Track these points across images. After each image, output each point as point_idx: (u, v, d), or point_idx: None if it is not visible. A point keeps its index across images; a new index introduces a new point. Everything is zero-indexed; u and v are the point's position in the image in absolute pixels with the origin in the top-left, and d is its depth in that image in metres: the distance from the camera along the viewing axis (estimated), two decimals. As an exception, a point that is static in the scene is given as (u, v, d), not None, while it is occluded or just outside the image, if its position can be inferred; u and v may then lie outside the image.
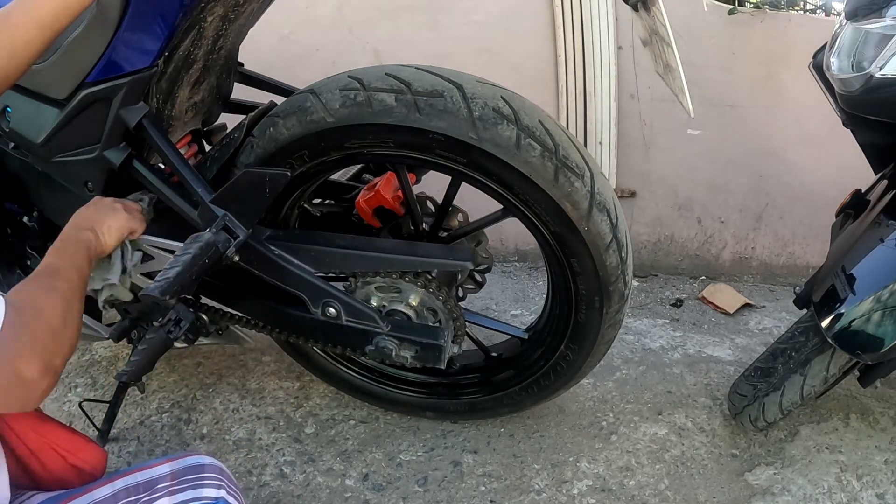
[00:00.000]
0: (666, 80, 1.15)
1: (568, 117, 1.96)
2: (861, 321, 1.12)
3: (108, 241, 0.99)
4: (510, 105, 1.00)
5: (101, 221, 0.98)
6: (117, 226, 1.00)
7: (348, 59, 1.95)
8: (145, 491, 0.80)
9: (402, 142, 1.02)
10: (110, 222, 0.99)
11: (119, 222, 1.01)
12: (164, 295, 0.91)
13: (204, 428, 1.49)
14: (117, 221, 1.00)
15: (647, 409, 1.55)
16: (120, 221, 1.01)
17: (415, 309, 1.17)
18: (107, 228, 0.98)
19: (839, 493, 1.32)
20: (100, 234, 0.97)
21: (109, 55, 0.95)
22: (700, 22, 1.85)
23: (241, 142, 1.13)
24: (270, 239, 1.11)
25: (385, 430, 1.48)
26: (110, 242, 0.99)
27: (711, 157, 2.01)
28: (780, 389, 1.30)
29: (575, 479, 1.36)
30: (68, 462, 0.87)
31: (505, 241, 2.23)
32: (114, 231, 1.00)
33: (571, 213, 1.03)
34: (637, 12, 1.11)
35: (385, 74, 1.01)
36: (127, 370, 1.14)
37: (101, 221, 0.98)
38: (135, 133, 1.03)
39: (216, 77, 1.27)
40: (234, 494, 0.84)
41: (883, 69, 1.06)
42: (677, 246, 2.17)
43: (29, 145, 1.09)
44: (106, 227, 0.98)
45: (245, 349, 1.72)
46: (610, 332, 1.20)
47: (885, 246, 1.14)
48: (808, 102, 1.81)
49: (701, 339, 1.84)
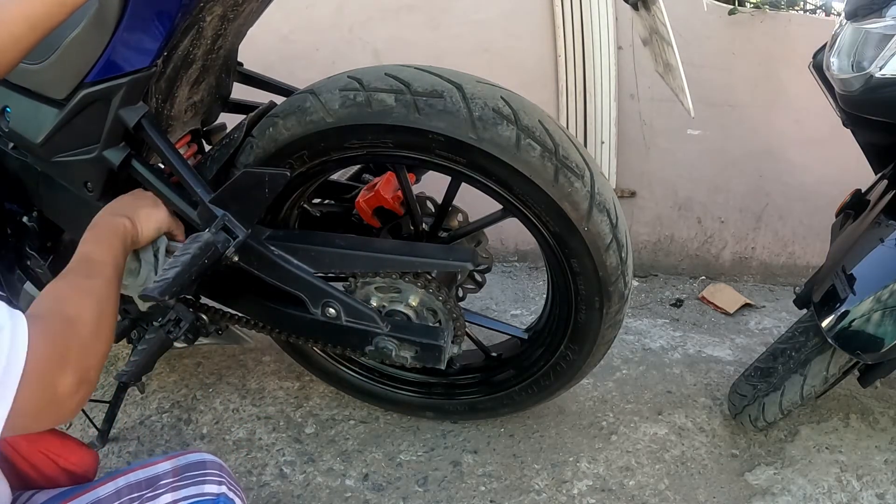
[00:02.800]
0: (666, 79, 1.15)
1: (568, 117, 1.96)
2: (861, 321, 1.12)
3: (145, 232, 0.94)
4: (510, 105, 0.99)
5: (139, 209, 0.94)
6: (157, 217, 0.96)
7: (348, 59, 1.95)
8: (148, 488, 0.81)
9: (402, 142, 1.02)
10: (149, 211, 0.96)
11: (159, 214, 0.97)
12: (163, 295, 0.91)
13: (204, 428, 1.48)
14: (157, 213, 0.97)
15: (647, 409, 1.55)
16: (160, 214, 0.97)
17: (415, 309, 1.17)
18: (145, 217, 0.94)
19: (839, 493, 1.32)
20: (136, 223, 0.93)
21: (108, 55, 0.95)
22: (700, 22, 1.85)
23: (241, 142, 1.13)
24: (270, 239, 1.11)
25: (385, 430, 1.48)
26: (147, 233, 0.95)
27: (711, 157, 2.01)
28: (780, 389, 1.30)
29: (575, 479, 1.36)
30: (60, 466, 0.86)
31: (505, 241, 2.23)
32: (152, 221, 0.95)
33: (571, 213, 1.02)
34: (637, 11, 1.11)
35: (385, 74, 1.01)
36: (127, 370, 1.15)
37: (139, 209, 0.94)
38: (134, 133, 1.02)
39: (215, 77, 1.27)
40: (235, 491, 0.84)
41: (883, 69, 1.06)
42: (677, 246, 2.16)
43: (28, 145, 1.09)
44: (144, 216, 0.94)
45: (245, 349, 1.72)
46: (610, 332, 1.20)
47: (885, 246, 1.14)
48: (808, 102, 1.81)
49: (701, 339, 1.84)
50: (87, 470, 0.89)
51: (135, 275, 0.99)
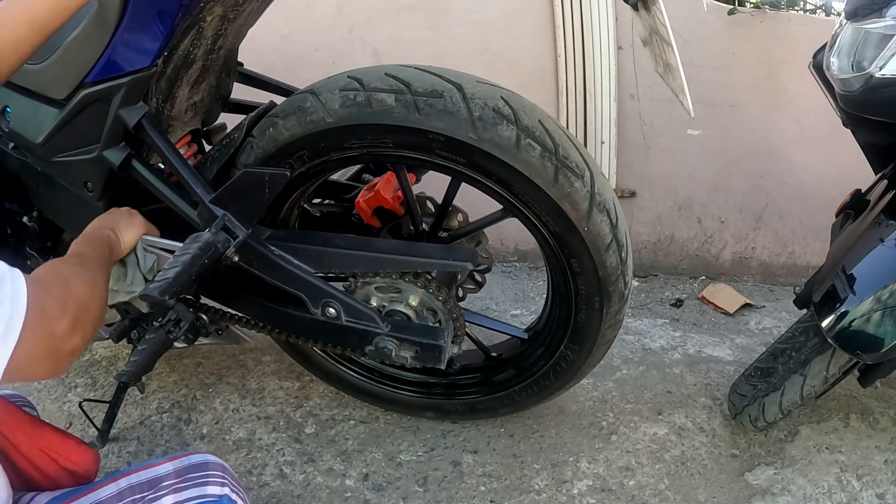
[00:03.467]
0: (666, 79, 1.15)
1: (568, 117, 1.96)
2: (861, 321, 1.12)
3: (126, 241, 1.05)
4: (510, 105, 0.99)
5: (118, 222, 1.05)
6: (133, 228, 1.07)
7: (348, 59, 1.95)
8: (150, 489, 0.81)
9: (402, 142, 1.02)
10: (126, 224, 1.06)
11: (135, 225, 1.08)
12: (163, 295, 0.91)
13: (204, 428, 1.48)
14: (133, 224, 1.07)
15: (647, 409, 1.55)
16: (137, 220, 1.08)
17: (414, 309, 1.17)
18: (124, 228, 1.05)
19: (839, 493, 1.32)
20: (119, 234, 1.04)
21: (109, 55, 0.95)
22: (700, 22, 1.85)
23: (241, 142, 1.13)
24: (270, 239, 1.11)
25: (385, 430, 1.48)
26: (128, 242, 1.06)
27: (711, 157, 2.01)
28: (780, 389, 1.30)
29: (575, 479, 1.36)
30: (60, 465, 0.87)
31: (505, 241, 2.23)
32: (131, 232, 1.06)
33: (571, 213, 1.02)
34: (637, 11, 1.11)
35: (385, 75, 1.01)
36: (127, 370, 1.15)
37: (118, 222, 1.05)
38: (134, 133, 1.02)
39: (216, 77, 1.27)
40: (238, 492, 0.84)
41: (883, 69, 1.06)
42: (677, 246, 2.16)
43: (28, 145, 1.09)
44: (123, 228, 1.05)
45: (245, 349, 1.72)
46: (610, 332, 1.20)
47: (885, 246, 1.14)
48: (808, 102, 1.81)
49: (701, 339, 1.84)
50: (88, 469, 0.89)
51: (123, 279, 1.08)
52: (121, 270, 1.08)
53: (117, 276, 1.07)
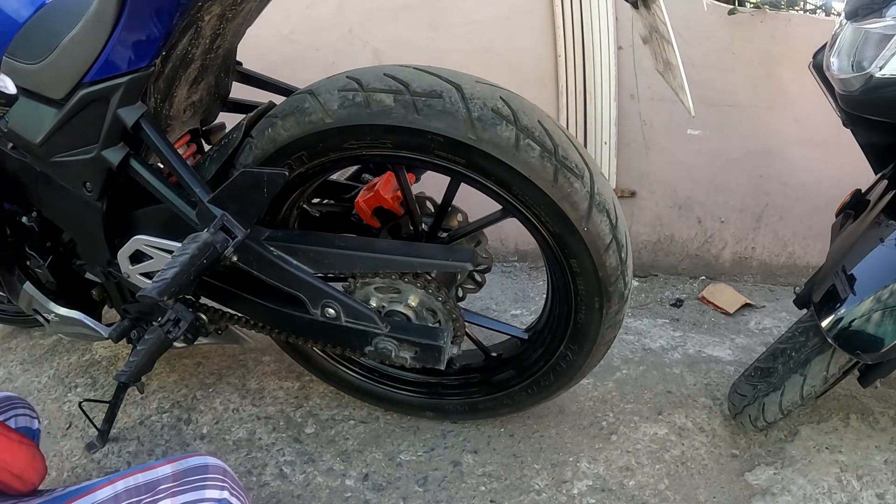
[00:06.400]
0: (666, 77, 1.15)
1: (568, 117, 1.96)
2: (861, 321, 1.12)
3: None
4: (509, 105, 0.99)
5: None
6: None
7: (348, 59, 1.95)
8: (147, 492, 0.80)
9: (401, 142, 1.02)
10: None
11: None
12: (161, 296, 0.91)
13: (204, 428, 1.48)
14: None
15: (647, 409, 1.54)
16: None
17: (414, 310, 1.17)
18: None
19: (839, 493, 1.32)
20: None
21: (107, 55, 0.95)
22: (700, 22, 1.85)
23: (240, 142, 1.13)
24: (269, 239, 1.11)
25: (385, 430, 1.48)
26: None
27: (711, 157, 2.00)
28: (780, 389, 1.30)
29: (575, 479, 1.36)
30: (11, 472, 0.85)
31: (505, 241, 2.22)
32: None
33: (571, 213, 1.02)
34: (637, 10, 1.11)
35: (384, 75, 1.01)
36: (126, 370, 1.15)
37: None
38: (133, 133, 1.02)
39: (214, 76, 1.27)
40: (238, 495, 0.84)
41: (883, 69, 1.06)
42: (677, 246, 2.16)
43: (27, 145, 1.09)
44: None
45: (245, 349, 1.72)
46: (610, 332, 1.20)
47: (885, 246, 1.14)
48: (808, 102, 1.81)
49: (701, 339, 1.84)
50: (34, 475, 0.86)
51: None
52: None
53: None
